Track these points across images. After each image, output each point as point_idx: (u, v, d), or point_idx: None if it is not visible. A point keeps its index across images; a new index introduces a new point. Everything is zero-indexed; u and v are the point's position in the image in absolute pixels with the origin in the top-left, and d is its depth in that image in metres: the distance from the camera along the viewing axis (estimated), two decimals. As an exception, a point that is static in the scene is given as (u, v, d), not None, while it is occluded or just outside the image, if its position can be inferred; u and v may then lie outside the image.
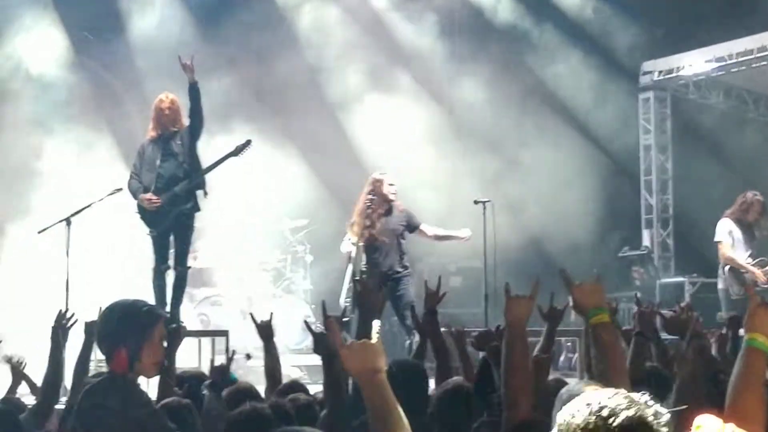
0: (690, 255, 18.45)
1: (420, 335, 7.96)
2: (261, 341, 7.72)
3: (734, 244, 14.06)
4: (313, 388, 7.40)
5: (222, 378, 6.65)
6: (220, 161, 12.12)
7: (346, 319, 11.03)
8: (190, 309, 14.49)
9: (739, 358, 4.02)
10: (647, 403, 2.53)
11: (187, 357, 11.41)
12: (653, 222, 20.00)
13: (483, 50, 19.16)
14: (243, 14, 17.85)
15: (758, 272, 13.82)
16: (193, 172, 11.92)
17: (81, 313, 6.95)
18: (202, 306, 15.22)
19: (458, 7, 19.76)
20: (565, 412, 2.30)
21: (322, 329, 6.90)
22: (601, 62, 19.23)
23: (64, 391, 7.42)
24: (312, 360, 13.13)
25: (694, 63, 18.99)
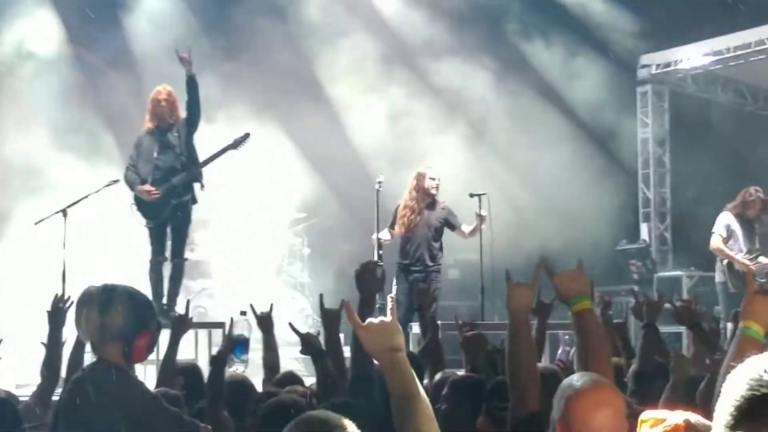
0: (688, 249, 18.44)
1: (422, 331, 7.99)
2: (260, 333, 7.71)
3: (732, 238, 14.08)
4: (309, 381, 7.41)
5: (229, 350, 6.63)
6: (218, 154, 12.14)
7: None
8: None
9: (732, 345, 4.09)
10: None
11: (184, 349, 11.41)
12: (651, 215, 19.99)
13: (483, 43, 19.13)
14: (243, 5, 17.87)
15: (749, 264, 13.84)
16: (190, 165, 11.93)
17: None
18: (198, 298, 15.20)
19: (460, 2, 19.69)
20: (755, 369, 2.18)
21: (308, 330, 6.92)
22: (599, 55, 19.20)
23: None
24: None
25: (692, 56, 18.97)
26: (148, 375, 8.98)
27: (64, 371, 6.71)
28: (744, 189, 14.37)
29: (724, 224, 14.13)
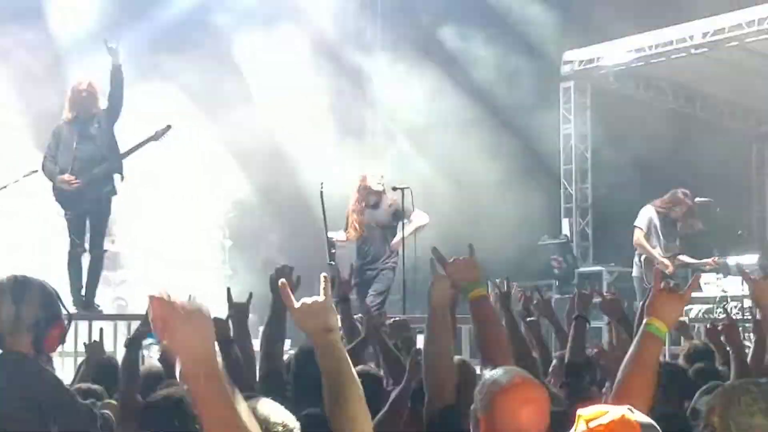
0: (608, 244, 18.61)
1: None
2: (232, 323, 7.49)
3: (651, 233, 14.23)
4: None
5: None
6: (140, 145, 12.06)
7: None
8: (107, 293, 14.37)
9: (635, 341, 4.13)
10: None
11: (104, 341, 11.29)
12: (572, 211, 20.11)
13: (403, 37, 19.14)
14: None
15: (666, 262, 14.01)
16: (110, 156, 11.83)
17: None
18: (119, 290, 15.10)
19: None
20: None
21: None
22: (522, 51, 19.25)
23: None
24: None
25: (615, 53, 19.09)
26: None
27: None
28: (674, 189, 14.50)
29: (646, 218, 14.28)
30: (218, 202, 17.07)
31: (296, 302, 3.41)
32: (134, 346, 6.09)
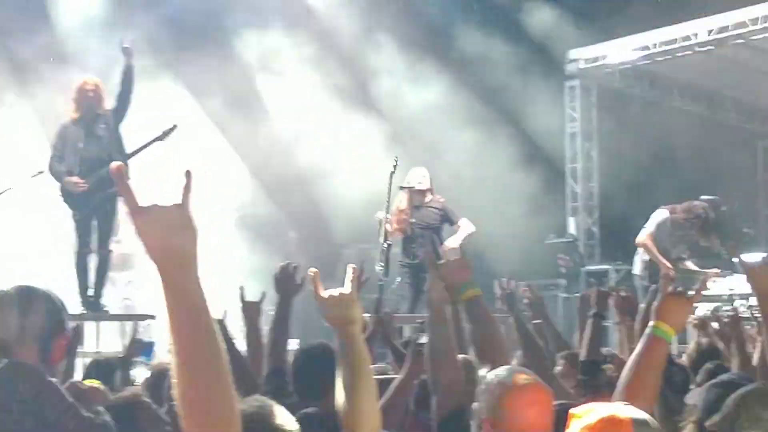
0: (615, 243, 18.58)
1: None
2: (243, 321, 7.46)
3: (661, 236, 14.16)
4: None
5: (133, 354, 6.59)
6: (146, 145, 12.02)
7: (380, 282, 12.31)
8: (114, 293, 14.38)
9: (641, 342, 4.17)
10: None
11: (111, 341, 11.35)
12: (579, 210, 20.12)
13: (409, 35, 19.11)
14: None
15: (668, 265, 13.93)
16: (117, 156, 11.80)
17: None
18: (125, 290, 15.10)
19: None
20: None
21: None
22: (528, 49, 19.24)
23: None
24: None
25: (620, 51, 19.09)
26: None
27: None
28: (695, 201, 14.39)
29: (657, 221, 14.20)
30: (227, 201, 17.07)
31: (323, 292, 3.43)
32: (125, 365, 6.06)
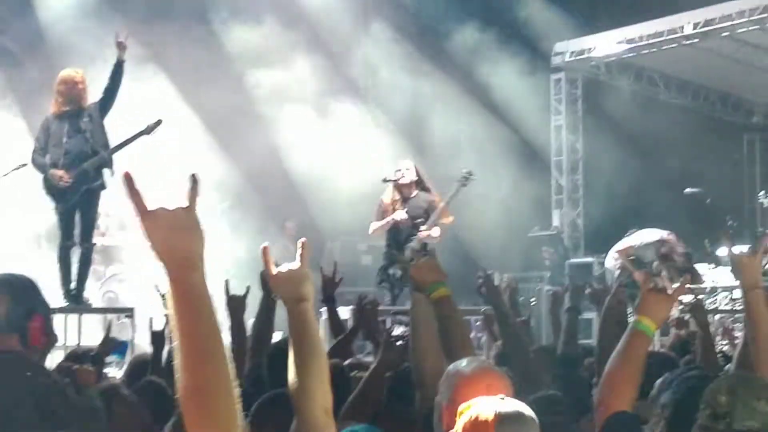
0: (599, 236, 18.60)
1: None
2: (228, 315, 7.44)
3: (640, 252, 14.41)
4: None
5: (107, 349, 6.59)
6: (131, 140, 11.96)
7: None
8: (97, 287, 14.36)
9: (624, 337, 4.29)
10: None
11: (93, 335, 11.28)
12: (563, 202, 20.13)
13: (399, 29, 19.11)
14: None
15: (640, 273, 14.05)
16: (100, 149, 11.76)
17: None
18: (108, 283, 15.07)
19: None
20: None
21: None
22: (514, 41, 19.23)
23: None
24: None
25: (605, 44, 19.10)
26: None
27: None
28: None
29: (648, 240, 14.52)
30: (211, 192, 17.02)
31: (274, 269, 3.35)
32: (97, 362, 6.03)
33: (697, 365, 6.43)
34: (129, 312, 11.80)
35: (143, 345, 9.15)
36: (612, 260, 14.66)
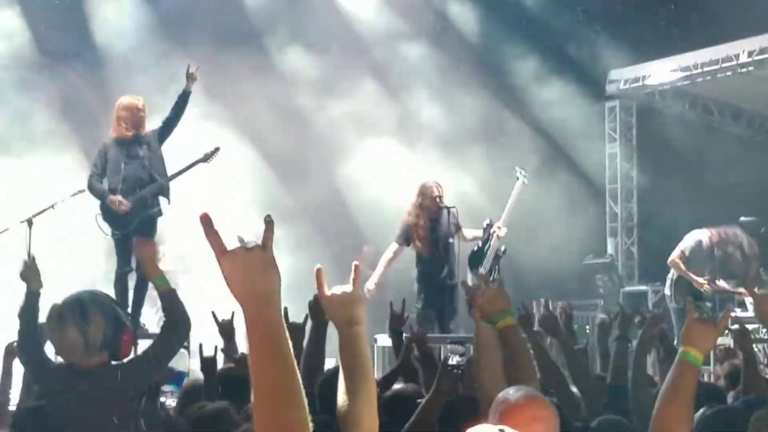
0: (654, 264, 18.47)
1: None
2: (222, 340, 7.70)
3: (696, 256, 14.21)
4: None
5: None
6: (188, 167, 12.09)
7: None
8: (152, 312, 14.43)
9: (671, 369, 4.27)
10: None
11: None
12: (618, 230, 20.06)
13: (447, 54, 19.12)
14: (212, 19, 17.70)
15: (701, 280, 13.98)
16: (158, 177, 11.86)
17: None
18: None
19: (424, 13, 19.58)
20: None
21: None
22: (569, 69, 19.23)
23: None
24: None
25: (660, 72, 19.02)
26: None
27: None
28: (735, 225, 14.48)
29: (693, 241, 14.27)
30: (260, 216, 17.04)
31: (327, 291, 3.38)
32: (151, 394, 6.10)
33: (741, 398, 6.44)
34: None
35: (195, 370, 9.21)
36: (667, 284, 14.59)
